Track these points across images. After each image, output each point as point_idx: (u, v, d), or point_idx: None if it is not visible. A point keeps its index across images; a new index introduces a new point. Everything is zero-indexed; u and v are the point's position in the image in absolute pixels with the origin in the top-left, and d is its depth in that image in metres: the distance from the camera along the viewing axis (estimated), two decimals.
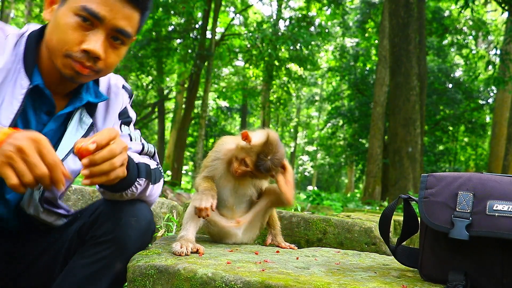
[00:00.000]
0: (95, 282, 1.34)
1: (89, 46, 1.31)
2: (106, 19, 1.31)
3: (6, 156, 1.08)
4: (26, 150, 1.08)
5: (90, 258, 1.36)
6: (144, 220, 1.43)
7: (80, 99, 1.48)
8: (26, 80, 1.36)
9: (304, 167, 38.11)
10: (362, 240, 2.14)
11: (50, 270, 1.50)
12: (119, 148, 1.21)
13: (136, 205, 1.45)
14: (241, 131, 1.66)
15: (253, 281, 1.19)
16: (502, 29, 19.46)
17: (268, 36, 15.70)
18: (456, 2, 11.82)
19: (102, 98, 1.52)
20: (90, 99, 1.49)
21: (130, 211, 1.41)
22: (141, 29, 1.46)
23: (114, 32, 1.34)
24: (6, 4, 16.93)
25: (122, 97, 1.61)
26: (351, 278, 1.27)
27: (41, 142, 1.11)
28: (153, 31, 16.49)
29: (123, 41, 1.39)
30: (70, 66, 1.33)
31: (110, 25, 1.33)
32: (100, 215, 1.42)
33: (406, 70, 11.41)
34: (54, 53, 1.35)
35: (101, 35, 1.32)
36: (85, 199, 2.87)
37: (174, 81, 24.34)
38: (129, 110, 1.66)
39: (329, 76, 24.73)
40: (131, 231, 1.38)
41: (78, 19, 1.31)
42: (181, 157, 17.53)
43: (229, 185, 1.73)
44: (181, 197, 7.13)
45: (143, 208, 1.47)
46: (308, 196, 11.29)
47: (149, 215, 1.47)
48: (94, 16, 1.30)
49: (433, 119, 20.76)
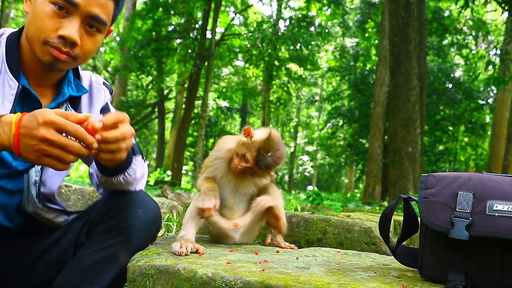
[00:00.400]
0: (100, 270, 1.37)
1: (65, 32, 1.37)
2: (80, 5, 1.37)
3: (37, 150, 1.15)
4: (49, 137, 1.14)
5: (97, 247, 1.40)
6: (151, 212, 1.48)
7: (62, 94, 1.54)
8: (13, 81, 1.42)
9: (304, 167, 38.12)
10: (362, 240, 2.14)
11: (57, 266, 1.51)
12: (130, 131, 1.28)
13: (144, 198, 1.51)
14: (244, 127, 1.67)
15: (253, 281, 1.19)
16: (502, 29, 19.47)
17: (268, 36, 15.70)
18: (456, 2, 11.82)
19: (83, 91, 1.59)
20: (72, 93, 1.55)
21: (137, 203, 1.46)
22: (116, 18, 1.53)
23: (89, 19, 1.41)
24: (6, 4, 16.93)
25: (103, 92, 1.68)
26: (351, 278, 1.27)
27: (52, 120, 1.14)
28: (153, 31, 16.49)
29: (99, 28, 1.44)
30: (48, 53, 1.39)
31: (84, 12, 1.39)
32: (110, 209, 1.47)
33: (406, 70, 11.42)
34: (33, 42, 1.41)
35: (76, 22, 1.39)
36: (85, 199, 2.88)
37: (174, 81, 24.35)
38: (110, 106, 1.73)
39: (329, 76, 24.73)
40: (138, 221, 1.43)
41: (53, 7, 1.37)
42: (181, 157, 17.54)
43: (229, 184, 1.73)
44: (181, 197, 7.13)
45: (151, 201, 1.52)
46: (308, 196, 11.29)
47: (156, 208, 1.52)
48: (69, 2, 1.36)
49: (433, 119, 20.76)
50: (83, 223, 1.53)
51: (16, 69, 1.44)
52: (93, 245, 1.41)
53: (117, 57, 19.23)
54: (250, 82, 23.40)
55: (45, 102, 1.53)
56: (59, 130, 1.16)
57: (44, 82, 1.53)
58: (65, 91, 1.54)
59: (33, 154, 1.16)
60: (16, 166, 1.49)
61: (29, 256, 1.55)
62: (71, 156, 1.18)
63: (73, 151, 1.17)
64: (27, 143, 1.15)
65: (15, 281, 1.55)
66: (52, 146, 1.15)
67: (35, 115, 1.16)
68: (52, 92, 1.56)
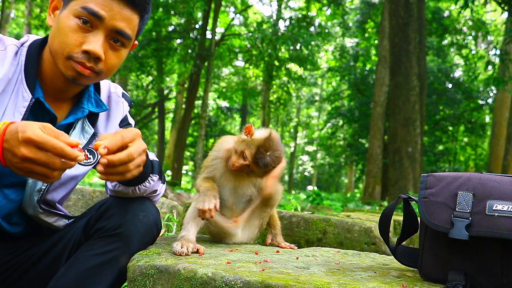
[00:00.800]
0: (100, 274, 1.35)
1: (89, 46, 1.34)
2: (105, 19, 1.34)
3: (18, 169, 1.13)
4: (29, 156, 1.11)
5: (96, 251, 1.37)
6: (152, 216, 1.47)
7: (81, 110, 1.51)
8: (27, 93, 1.39)
9: (304, 167, 38.11)
10: (362, 240, 2.14)
11: (54, 268, 1.51)
12: (137, 152, 1.26)
13: (144, 202, 1.49)
14: (245, 125, 1.68)
15: (253, 281, 1.19)
16: (502, 29, 19.46)
17: (268, 36, 15.70)
18: (456, 2, 11.82)
19: (103, 108, 1.55)
20: (92, 109, 1.52)
21: (138, 207, 1.44)
22: (140, 32, 1.50)
23: (114, 33, 1.38)
24: (6, 4, 16.92)
25: (122, 105, 1.66)
26: (351, 278, 1.27)
27: (31, 138, 1.10)
28: (153, 31, 16.48)
29: (123, 43, 1.42)
30: (72, 68, 1.36)
31: (109, 26, 1.36)
32: (107, 209, 1.45)
33: (406, 70, 11.42)
34: (56, 56, 1.38)
35: (100, 36, 1.36)
36: (85, 199, 2.88)
37: (174, 81, 24.35)
38: (129, 117, 1.70)
39: (329, 76, 24.74)
40: (139, 225, 1.41)
41: (78, 21, 1.34)
42: (181, 157, 17.54)
43: (229, 184, 1.73)
44: (181, 197, 7.14)
45: (151, 206, 1.51)
46: (308, 196, 11.30)
47: (156, 213, 1.51)
48: (94, 15, 1.33)
49: (433, 119, 20.77)
50: (83, 225, 1.51)
51: (33, 80, 1.41)
52: (93, 248, 1.38)
53: None
54: (250, 82, 23.41)
55: (60, 116, 1.50)
56: (39, 148, 1.12)
57: (62, 96, 1.50)
58: (85, 106, 1.51)
59: (18, 169, 1.14)
60: None
61: (29, 259, 1.54)
62: (55, 172, 1.15)
63: (56, 168, 1.14)
64: (10, 159, 1.13)
65: (15, 283, 1.55)
66: (33, 163, 1.12)
67: (17, 130, 1.11)
68: (69, 106, 1.53)
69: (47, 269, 1.52)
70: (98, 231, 1.41)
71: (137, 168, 1.29)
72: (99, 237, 1.40)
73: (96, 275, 1.35)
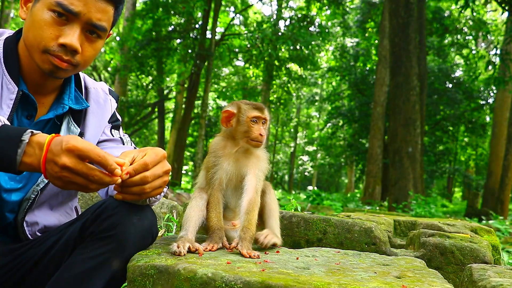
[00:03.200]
0: (91, 278, 1.32)
1: (66, 40, 1.34)
2: (80, 13, 1.35)
3: (59, 178, 1.14)
4: (69, 165, 1.13)
5: (89, 254, 1.34)
6: (147, 220, 1.43)
7: (62, 106, 1.50)
8: (12, 85, 1.38)
9: (304, 167, 38.10)
10: (362, 240, 2.14)
11: (53, 270, 1.49)
12: (153, 175, 1.25)
13: (140, 206, 1.45)
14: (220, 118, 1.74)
15: (253, 281, 1.18)
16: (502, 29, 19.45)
17: (268, 36, 15.69)
18: (456, 2, 11.82)
19: (83, 105, 1.54)
20: (72, 106, 1.51)
21: (133, 211, 1.40)
22: (115, 23, 1.50)
23: (89, 26, 1.38)
24: (6, 4, 16.92)
25: (110, 103, 1.65)
26: (351, 278, 1.27)
27: (76, 147, 1.13)
28: (153, 31, 16.47)
29: (99, 34, 1.42)
30: (49, 61, 1.37)
31: (85, 19, 1.36)
32: (102, 212, 1.42)
33: (406, 70, 11.42)
34: (32, 50, 1.37)
35: (76, 29, 1.36)
36: (85, 199, 2.87)
37: (174, 81, 24.34)
38: (117, 114, 1.70)
39: (329, 76, 24.72)
40: (132, 229, 1.37)
41: (53, 15, 1.34)
42: (181, 157, 17.54)
43: (230, 184, 1.73)
44: (181, 197, 7.13)
45: (148, 210, 1.47)
46: (308, 196, 11.30)
47: (152, 217, 1.47)
48: (69, 12, 1.33)
49: (433, 119, 20.75)
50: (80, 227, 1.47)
51: (16, 74, 1.40)
52: (86, 252, 1.35)
53: (117, 57, 19.21)
54: (250, 82, 23.39)
55: (41, 111, 1.49)
56: (82, 158, 1.13)
57: (42, 90, 1.49)
58: (65, 102, 1.50)
59: (57, 180, 1.15)
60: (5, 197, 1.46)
61: (28, 261, 1.53)
62: (94, 185, 1.17)
63: (95, 180, 1.16)
64: (51, 169, 1.14)
65: (14, 286, 1.54)
66: (73, 174, 1.13)
67: (61, 140, 1.14)
68: (49, 101, 1.52)
69: (46, 272, 1.51)
70: (92, 233, 1.39)
71: (156, 190, 1.29)
72: (92, 239, 1.37)
73: (88, 279, 1.32)
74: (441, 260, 2.16)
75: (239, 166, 1.71)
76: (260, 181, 1.72)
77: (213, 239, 1.61)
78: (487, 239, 2.52)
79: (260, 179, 1.72)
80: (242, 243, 1.56)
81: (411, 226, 2.92)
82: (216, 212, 1.66)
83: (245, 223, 1.63)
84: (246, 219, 1.63)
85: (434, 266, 2.12)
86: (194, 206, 1.66)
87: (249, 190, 1.68)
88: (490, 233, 2.71)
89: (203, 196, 1.69)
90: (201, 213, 1.65)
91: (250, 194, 1.67)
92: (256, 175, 1.71)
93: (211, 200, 1.68)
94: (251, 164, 1.72)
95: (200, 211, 1.65)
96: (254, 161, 1.73)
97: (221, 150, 1.72)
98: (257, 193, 1.68)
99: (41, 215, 1.54)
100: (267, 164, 1.77)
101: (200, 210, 1.66)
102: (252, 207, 1.65)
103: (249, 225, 1.62)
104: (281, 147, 36.15)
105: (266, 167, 1.76)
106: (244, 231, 1.60)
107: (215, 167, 1.71)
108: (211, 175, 1.70)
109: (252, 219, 1.63)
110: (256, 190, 1.68)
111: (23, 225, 1.51)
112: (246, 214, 1.64)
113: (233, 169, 1.71)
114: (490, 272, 1.57)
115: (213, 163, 1.71)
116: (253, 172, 1.71)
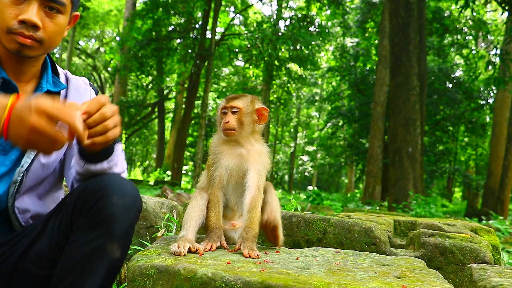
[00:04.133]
0: (90, 264, 1.32)
1: (25, 16, 1.41)
2: None
3: (25, 139, 1.14)
4: (39, 128, 1.13)
5: (80, 241, 1.34)
6: (127, 195, 1.40)
7: (40, 88, 1.56)
8: None
9: (304, 167, 38.09)
10: (362, 240, 2.14)
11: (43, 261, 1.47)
12: (109, 111, 1.28)
13: (118, 182, 1.42)
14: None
15: (253, 281, 1.18)
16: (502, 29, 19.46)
17: (268, 36, 15.69)
18: (456, 2, 11.82)
19: (61, 87, 1.61)
20: (50, 88, 1.57)
21: (112, 190, 1.39)
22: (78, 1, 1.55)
23: (47, 1, 1.44)
24: None
25: (90, 93, 1.72)
26: (351, 278, 1.27)
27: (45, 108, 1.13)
28: (153, 31, 16.47)
29: (59, 9, 1.47)
30: (13, 40, 1.43)
31: None
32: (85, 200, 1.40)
33: (406, 70, 11.41)
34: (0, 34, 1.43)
35: (34, 5, 1.42)
36: None
37: (174, 81, 24.34)
38: None
39: (329, 76, 24.71)
40: (115, 208, 1.35)
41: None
42: (181, 157, 17.54)
43: (231, 180, 1.73)
44: (181, 197, 7.13)
45: (126, 185, 1.44)
46: (308, 196, 11.29)
47: (132, 190, 1.43)
48: None
49: (433, 119, 20.75)
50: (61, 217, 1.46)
51: None
52: (77, 240, 1.35)
53: (117, 57, 19.21)
54: (250, 82, 23.40)
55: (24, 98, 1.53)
56: (51, 118, 1.14)
57: (22, 78, 1.54)
58: (43, 85, 1.57)
59: (21, 141, 1.15)
60: None
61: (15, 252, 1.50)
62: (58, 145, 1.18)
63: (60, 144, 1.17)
64: (16, 130, 1.14)
65: (8, 278, 1.53)
66: (41, 135, 1.13)
67: (30, 101, 1.14)
68: (31, 89, 1.58)
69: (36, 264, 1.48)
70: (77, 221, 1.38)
71: (117, 128, 1.31)
72: (80, 227, 1.37)
73: (86, 266, 1.32)
74: (441, 260, 2.16)
75: (240, 161, 1.72)
76: (262, 177, 1.72)
77: (211, 238, 1.61)
78: (487, 239, 2.52)
79: (262, 175, 1.72)
80: (245, 243, 1.57)
81: (411, 226, 2.92)
82: (216, 211, 1.67)
83: (247, 222, 1.63)
84: (249, 217, 1.63)
85: (434, 266, 2.12)
86: (194, 206, 1.66)
87: (252, 187, 1.68)
88: (490, 233, 2.71)
89: (203, 196, 1.69)
90: (201, 213, 1.66)
91: (252, 192, 1.67)
92: (258, 170, 1.71)
93: (211, 199, 1.68)
94: (252, 159, 1.71)
95: (200, 211, 1.65)
96: (255, 156, 1.72)
97: (220, 146, 1.73)
98: (260, 191, 1.69)
99: (31, 202, 1.57)
100: (268, 159, 1.77)
101: (200, 210, 1.66)
102: (255, 205, 1.65)
103: (251, 224, 1.62)
104: (281, 147, 36.15)
105: (268, 162, 1.76)
106: (246, 230, 1.61)
107: (215, 165, 1.71)
108: (211, 172, 1.71)
109: (254, 218, 1.63)
110: (258, 187, 1.68)
111: (15, 212, 1.53)
112: (248, 212, 1.64)
113: (233, 165, 1.71)
114: (490, 272, 1.57)
115: (213, 160, 1.72)
116: (254, 168, 1.70)
